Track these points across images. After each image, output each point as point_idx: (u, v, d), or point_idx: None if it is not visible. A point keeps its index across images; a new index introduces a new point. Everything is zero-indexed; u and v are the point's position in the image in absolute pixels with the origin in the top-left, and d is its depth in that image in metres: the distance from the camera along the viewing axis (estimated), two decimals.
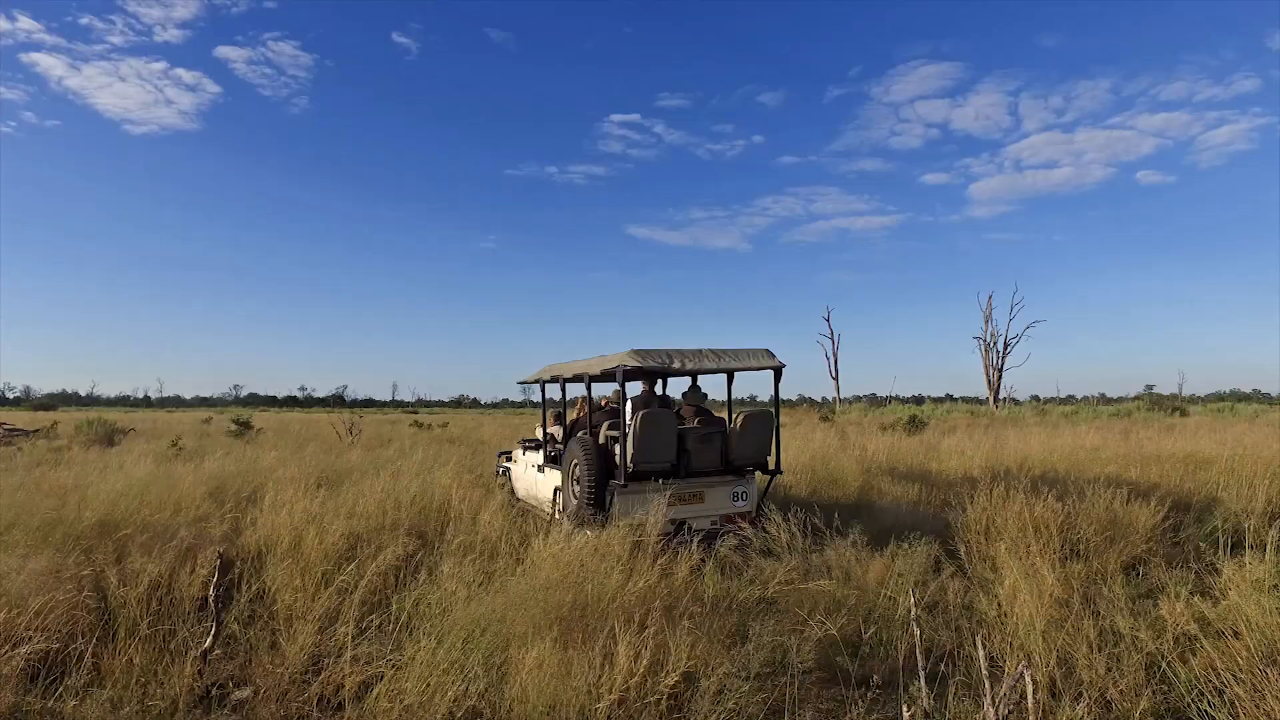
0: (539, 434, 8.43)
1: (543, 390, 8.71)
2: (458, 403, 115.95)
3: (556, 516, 6.84)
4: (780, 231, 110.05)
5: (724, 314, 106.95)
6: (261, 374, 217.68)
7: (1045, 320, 59.39)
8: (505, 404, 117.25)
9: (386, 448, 15.15)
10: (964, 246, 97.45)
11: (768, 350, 6.67)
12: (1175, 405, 35.97)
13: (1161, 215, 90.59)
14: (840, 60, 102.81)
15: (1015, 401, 42.02)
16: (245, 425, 21.10)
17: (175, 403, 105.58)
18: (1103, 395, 59.81)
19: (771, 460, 6.81)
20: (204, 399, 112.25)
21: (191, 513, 6.36)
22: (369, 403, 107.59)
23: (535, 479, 8.02)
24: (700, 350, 6.42)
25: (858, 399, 48.79)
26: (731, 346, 6.61)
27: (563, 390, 7.79)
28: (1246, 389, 72.46)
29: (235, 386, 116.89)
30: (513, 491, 8.74)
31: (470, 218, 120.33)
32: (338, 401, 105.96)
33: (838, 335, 45.63)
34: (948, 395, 65.89)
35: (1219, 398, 62.96)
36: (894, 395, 50.93)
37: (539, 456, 7.99)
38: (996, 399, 40.63)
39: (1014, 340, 40.52)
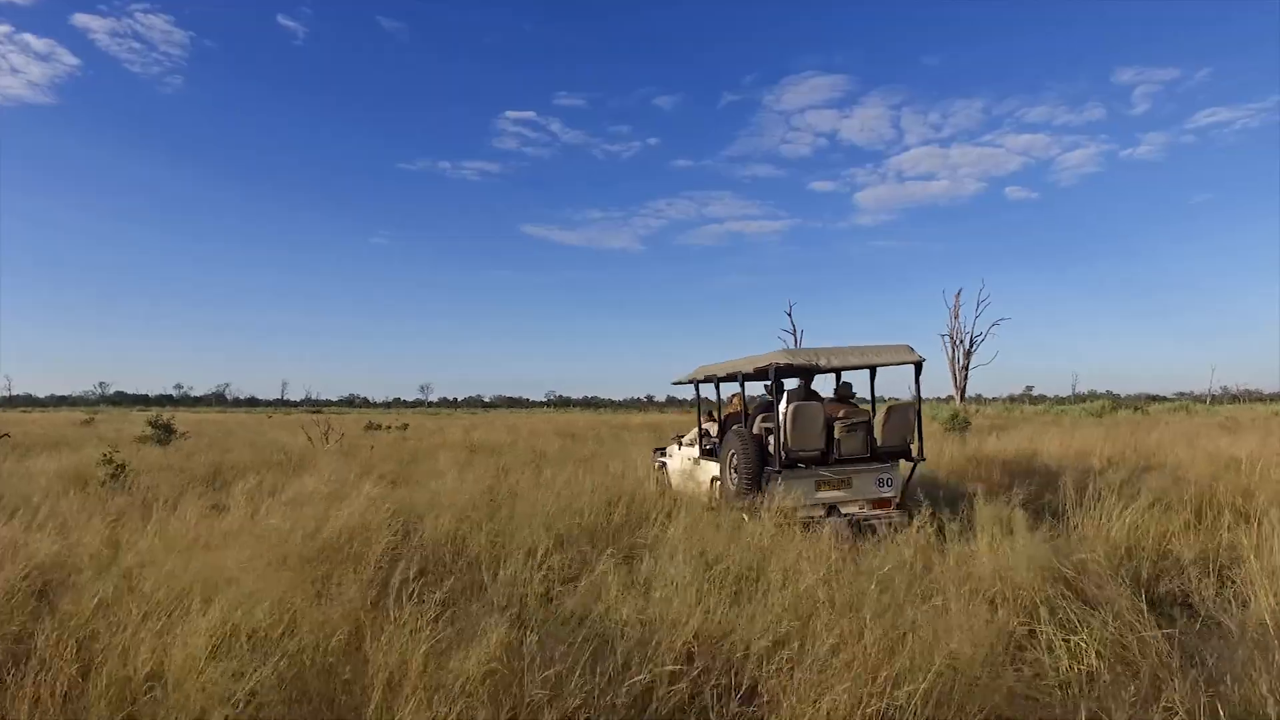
0: (694, 431, 8.85)
1: (697, 390, 9.00)
2: (349, 402, 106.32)
3: (713, 503, 6.95)
4: (674, 234, 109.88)
5: (627, 314, 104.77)
6: (128, 371, 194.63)
7: (1010, 318, 61.63)
8: (398, 403, 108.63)
9: (427, 462, 10.94)
10: (851, 252, 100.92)
11: (909, 346, 6.93)
12: (1136, 405, 36.89)
13: (1027, 228, 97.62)
14: (736, 67, 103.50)
15: (979, 400, 41.93)
16: (167, 429, 15.71)
17: (27, 402, 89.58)
18: (979, 396, 61.69)
19: (915, 449, 7.02)
20: (62, 398, 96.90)
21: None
22: (253, 401, 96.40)
23: (693, 470, 8.45)
24: (844, 348, 6.91)
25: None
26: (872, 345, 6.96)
27: (717, 389, 8.43)
28: (1100, 390, 78.26)
29: (101, 384, 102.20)
30: (668, 484, 9.01)
31: (360, 212, 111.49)
32: (219, 400, 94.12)
33: (800, 331, 43.86)
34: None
35: (1079, 398, 66.65)
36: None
37: (695, 450, 8.47)
38: (963, 397, 40.29)
39: (979, 338, 40.25)
